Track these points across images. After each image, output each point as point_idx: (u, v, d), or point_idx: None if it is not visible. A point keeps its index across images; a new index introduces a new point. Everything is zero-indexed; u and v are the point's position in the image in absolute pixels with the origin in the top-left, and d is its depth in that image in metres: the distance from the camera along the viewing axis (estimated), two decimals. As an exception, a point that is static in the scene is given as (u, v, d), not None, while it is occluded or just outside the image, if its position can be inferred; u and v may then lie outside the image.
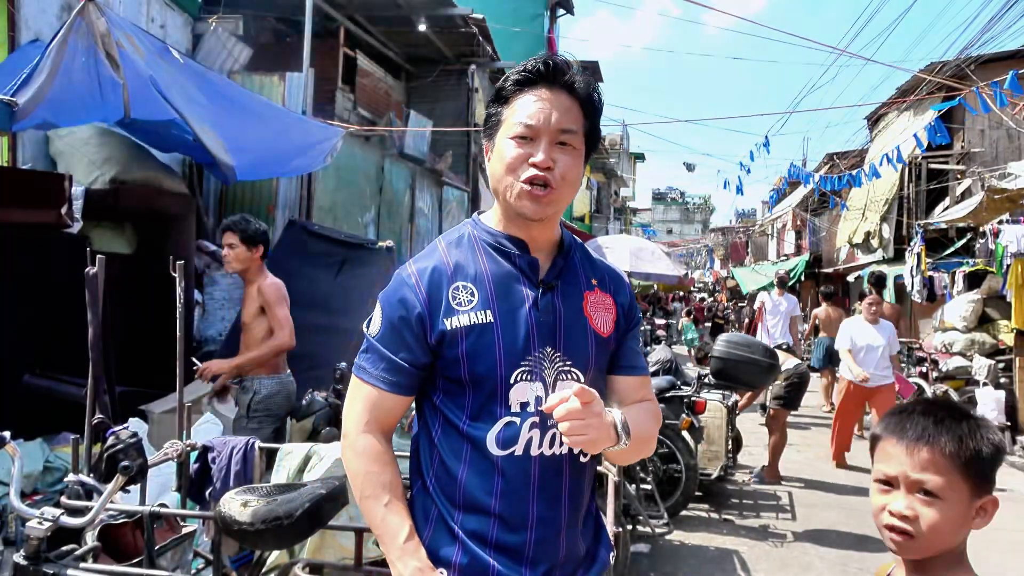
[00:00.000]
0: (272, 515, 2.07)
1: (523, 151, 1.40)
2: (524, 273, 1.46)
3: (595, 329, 1.48)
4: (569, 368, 1.44)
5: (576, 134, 1.44)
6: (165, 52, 4.76)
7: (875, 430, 1.35)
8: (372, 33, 10.94)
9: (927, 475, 1.21)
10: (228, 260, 4.05)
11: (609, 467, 3.59)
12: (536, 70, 1.43)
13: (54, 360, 4.52)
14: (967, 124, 12.10)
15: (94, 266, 2.89)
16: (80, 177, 5.33)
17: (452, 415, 1.42)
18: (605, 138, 29.64)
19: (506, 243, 1.47)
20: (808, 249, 23.55)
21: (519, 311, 1.42)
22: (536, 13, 17.55)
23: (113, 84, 4.17)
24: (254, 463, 3.11)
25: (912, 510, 1.21)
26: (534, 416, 1.40)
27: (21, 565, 1.97)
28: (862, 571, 4.54)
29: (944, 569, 1.24)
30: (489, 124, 1.49)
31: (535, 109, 1.41)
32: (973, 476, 1.21)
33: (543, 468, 1.41)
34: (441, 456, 1.43)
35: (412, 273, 1.45)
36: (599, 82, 25.30)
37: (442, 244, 1.51)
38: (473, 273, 1.44)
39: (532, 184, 1.40)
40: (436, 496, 1.44)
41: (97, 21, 4.00)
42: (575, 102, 1.45)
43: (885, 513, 1.24)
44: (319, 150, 6.85)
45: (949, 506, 1.20)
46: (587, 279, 1.53)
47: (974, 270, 9.77)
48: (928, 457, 1.21)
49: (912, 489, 1.22)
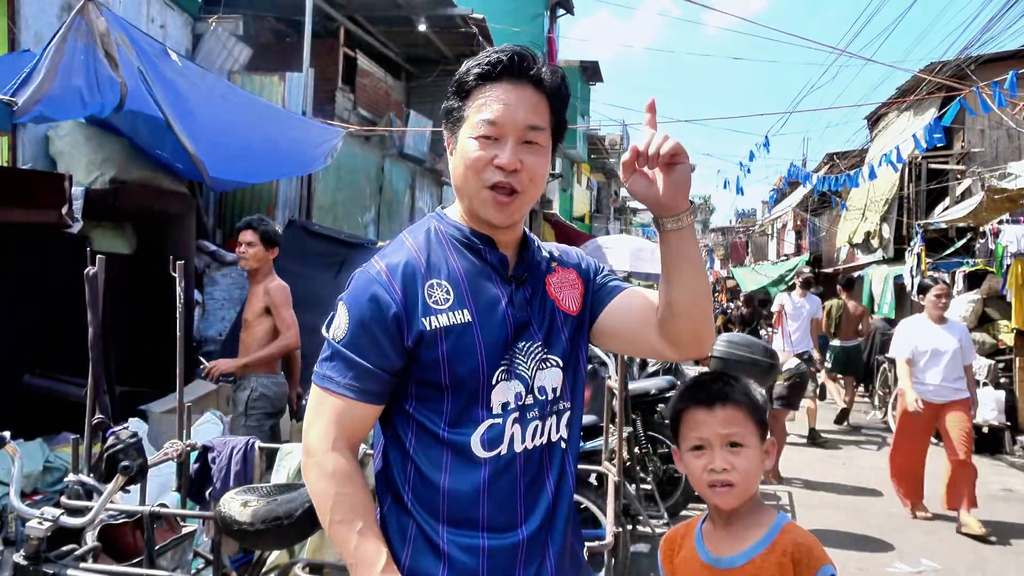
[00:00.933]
0: (272, 515, 2.07)
1: (487, 153, 1.32)
2: (495, 270, 1.39)
3: (564, 310, 1.43)
4: (547, 356, 1.38)
5: (543, 131, 1.36)
6: (163, 54, 4.75)
7: (677, 404, 1.56)
8: (372, 33, 10.95)
9: (733, 428, 1.46)
10: (245, 257, 4.09)
11: (609, 467, 3.59)
12: (500, 63, 1.33)
13: (54, 360, 4.51)
14: (967, 124, 12.10)
15: (94, 266, 2.89)
16: (80, 177, 5.33)
17: (428, 422, 1.33)
18: (605, 138, 29.63)
19: (475, 240, 1.39)
20: (808, 249, 23.57)
21: (496, 309, 1.35)
22: (536, 13, 17.56)
23: (111, 82, 4.17)
24: (254, 463, 3.11)
25: (728, 463, 1.44)
26: (515, 412, 1.34)
27: (21, 565, 1.97)
28: (862, 571, 4.54)
29: (749, 512, 1.48)
30: (450, 119, 1.40)
31: (500, 106, 1.32)
32: (758, 422, 1.48)
33: (527, 462, 1.35)
34: (418, 467, 1.33)
35: (382, 270, 1.33)
36: (599, 81, 25.28)
37: (409, 239, 1.41)
38: (447, 270, 1.35)
39: (497, 190, 1.32)
40: (415, 511, 1.32)
41: (96, 20, 4.01)
42: (542, 96, 1.36)
43: (707, 473, 1.46)
44: (319, 150, 6.85)
45: (751, 451, 1.46)
46: (547, 263, 1.47)
47: (974, 270, 9.77)
48: (730, 413, 1.46)
49: (723, 444, 1.46)
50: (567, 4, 19.26)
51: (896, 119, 14.10)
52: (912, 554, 4.82)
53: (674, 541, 1.61)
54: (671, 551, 1.60)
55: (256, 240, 4.07)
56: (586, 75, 24.33)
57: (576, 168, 25.10)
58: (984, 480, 6.36)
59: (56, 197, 4.46)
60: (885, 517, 5.60)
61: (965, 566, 4.63)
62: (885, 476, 5.85)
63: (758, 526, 1.48)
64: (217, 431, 4.37)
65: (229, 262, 6.76)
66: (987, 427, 8.18)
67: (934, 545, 4.98)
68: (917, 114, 12.77)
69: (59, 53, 3.86)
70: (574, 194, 24.81)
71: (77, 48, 3.99)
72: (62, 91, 3.92)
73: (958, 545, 5.01)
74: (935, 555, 4.78)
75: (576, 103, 21.90)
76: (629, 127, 31.14)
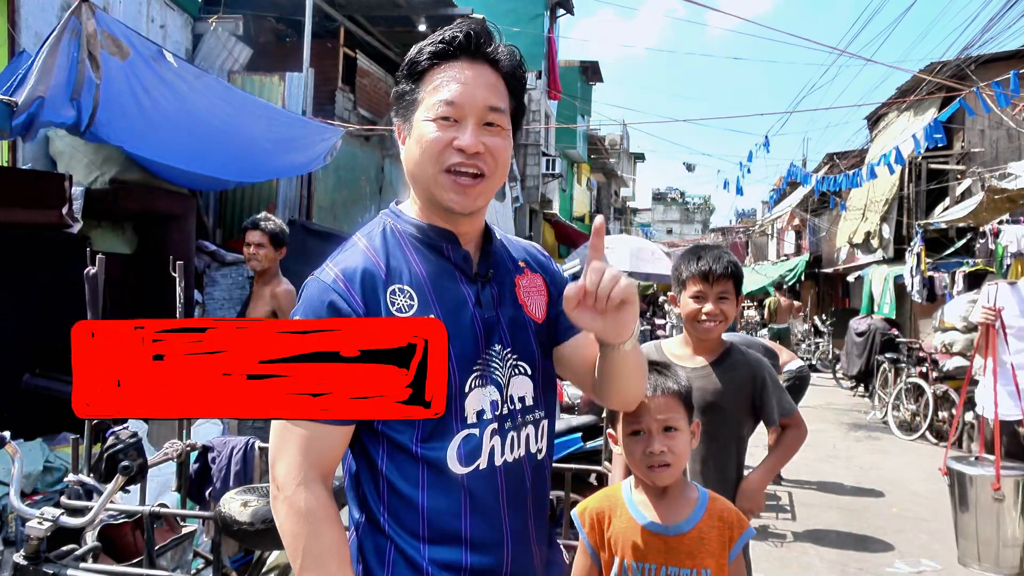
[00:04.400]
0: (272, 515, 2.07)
1: (446, 134, 1.23)
2: (459, 268, 1.30)
3: (531, 317, 1.36)
4: (517, 363, 1.31)
5: (503, 113, 1.28)
6: (159, 55, 4.74)
7: None
8: (372, 33, 10.95)
9: (669, 414, 1.61)
10: (257, 259, 4.07)
11: (609, 467, 3.59)
12: (455, 41, 1.25)
13: (54, 360, 4.51)
14: (967, 124, 12.10)
15: (94, 266, 2.89)
16: (80, 177, 5.33)
17: (399, 437, 1.23)
18: (605, 138, 29.63)
19: (434, 236, 1.30)
20: (808, 249, 23.56)
21: (462, 311, 1.26)
22: (536, 13, 17.56)
23: (89, 84, 4.12)
24: (254, 463, 3.11)
25: (665, 446, 1.60)
26: (493, 423, 1.26)
27: (21, 565, 1.97)
28: (862, 571, 4.54)
29: (676, 485, 1.66)
30: (402, 104, 1.30)
31: (457, 86, 1.24)
32: (687, 407, 1.65)
33: (508, 476, 1.28)
34: (391, 485, 1.24)
35: (337, 277, 1.23)
36: (599, 81, 25.27)
37: (363, 241, 1.31)
38: (408, 274, 1.26)
39: (458, 173, 1.24)
40: (392, 531, 1.24)
41: (87, 22, 3.99)
42: (499, 78, 1.28)
43: (646, 455, 1.60)
44: (319, 150, 6.85)
45: (683, 434, 1.63)
46: (514, 262, 1.40)
47: (974, 270, 9.77)
48: (666, 401, 1.62)
49: (660, 429, 1.60)
50: (567, 4, 19.27)
51: (896, 119, 14.10)
52: (912, 554, 4.82)
53: (600, 513, 1.70)
54: (599, 522, 1.69)
55: (266, 241, 4.06)
56: (586, 75, 24.34)
57: (576, 168, 25.10)
58: (984, 480, 6.34)
59: (56, 197, 4.46)
60: (885, 517, 5.60)
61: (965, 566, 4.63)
62: (885, 476, 5.85)
63: (689, 497, 1.67)
64: (217, 431, 4.37)
65: (229, 262, 6.76)
66: (987, 427, 8.18)
67: (934, 545, 4.98)
68: (917, 114, 12.77)
69: (52, 55, 3.85)
70: (574, 194, 24.81)
71: (71, 48, 3.98)
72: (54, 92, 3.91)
73: (958, 545, 5.01)
74: (935, 555, 4.78)
75: (576, 103, 21.91)
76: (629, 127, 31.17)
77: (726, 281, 2.26)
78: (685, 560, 1.60)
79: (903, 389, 9.37)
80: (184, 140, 5.12)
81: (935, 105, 11.54)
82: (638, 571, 1.61)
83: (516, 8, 16.77)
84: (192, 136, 5.16)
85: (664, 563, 1.60)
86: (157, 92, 4.62)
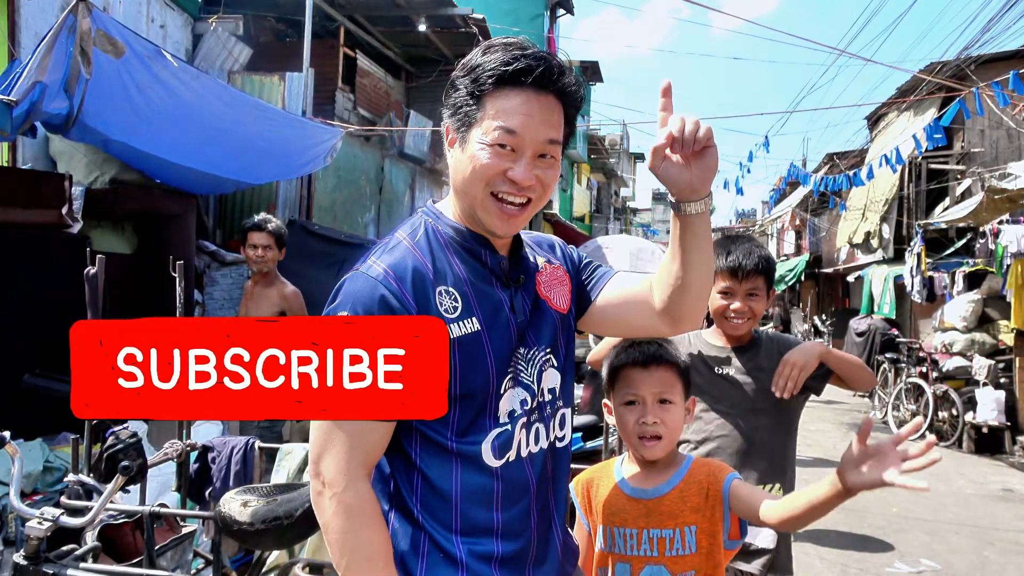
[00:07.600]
0: (272, 515, 2.07)
1: (500, 163, 1.24)
2: (494, 273, 1.33)
3: (556, 309, 1.40)
4: (547, 355, 1.37)
5: (558, 145, 1.29)
6: (158, 55, 4.73)
7: (614, 362, 1.69)
8: (372, 33, 10.95)
9: (665, 386, 1.62)
10: (264, 260, 4.09)
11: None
12: (530, 72, 1.23)
13: (54, 360, 4.51)
14: (967, 124, 12.10)
15: (94, 266, 2.89)
16: (80, 177, 5.33)
17: (434, 434, 1.26)
18: (605, 138, 29.62)
19: (474, 243, 1.33)
20: (808, 249, 23.56)
21: (500, 316, 1.30)
22: (536, 13, 17.56)
23: (81, 82, 4.12)
24: (254, 463, 3.11)
25: (659, 417, 1.60)
26: (523, 418, 1.31)
27: (21, 565, 1.97)
28: (862, 571, 4.54)
29: (669, 461, 1.66)
30: (458, 112, 1.28)
31: (521, 118, 1.23)
32: (685, 383, 1.66)
33: (534, 465, 1.34)
34: (426, 478, 1.27)
35: (387, 273, 1.23)
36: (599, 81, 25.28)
37: (407, 240, 1.31)
38: (452, 276, 1.28)
39: (505, 202, 1.26)
40: (426, 523, 1.27)
41: (82, 20, 4.00)
42: (561, 110, 1.29)
43: (638, 425, 1.61)
44: (319, 150, 6.85)
45: (678, 407, 1.63)
46: (535, 261, 1.43)
47: (974, 270, 9.77)
48: (663, 373, 1.62)
49: (655, 400, 1.61)
50: (567, 4, 19.26)
51: (896, 119, 14.10)
52: (912, 554, 4.82)
53: (590, 482, 1.73)
54: (587, 491, 1.73)
55: (272, 242, 4.09)
56: (586, 75, 24.31)
57: (576, 168, 25.10)
58: (984, 480, 6.37)
59: (56, 197, 4.45)
60: (885, 517, 5.60)
61: (965, 566, 4.63)
62: (885, 476, 5.85)
63: (675, 464, 1.68)
64: (217, 431, 4.37)
65: (229, 262, 6.75)
66: (987, 427, 8.19)
67: (934, 545, 4.98)
68: (917, 114, 12.77)
69: (48, 53, 3.86)
70: (574, 194, 24.79)
71: (67, 44, 3.98)
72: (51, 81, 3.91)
73: (958, 545, 5.01)
74: (935, 555, 4.78)
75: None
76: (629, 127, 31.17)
77: (756, 277, 2.13)
78: (667, 521, 1.61)
79: (903, 389, 9.38)
80: (179, 136, 5.10)
81: (935, 105, 11.53)
82: (620, 536, 1.64)
83: (516, 8, 16.76)
84: (187, 133, 5.14)
85: (645, 526, 1.62)
86: (151, 90, 4.60)
